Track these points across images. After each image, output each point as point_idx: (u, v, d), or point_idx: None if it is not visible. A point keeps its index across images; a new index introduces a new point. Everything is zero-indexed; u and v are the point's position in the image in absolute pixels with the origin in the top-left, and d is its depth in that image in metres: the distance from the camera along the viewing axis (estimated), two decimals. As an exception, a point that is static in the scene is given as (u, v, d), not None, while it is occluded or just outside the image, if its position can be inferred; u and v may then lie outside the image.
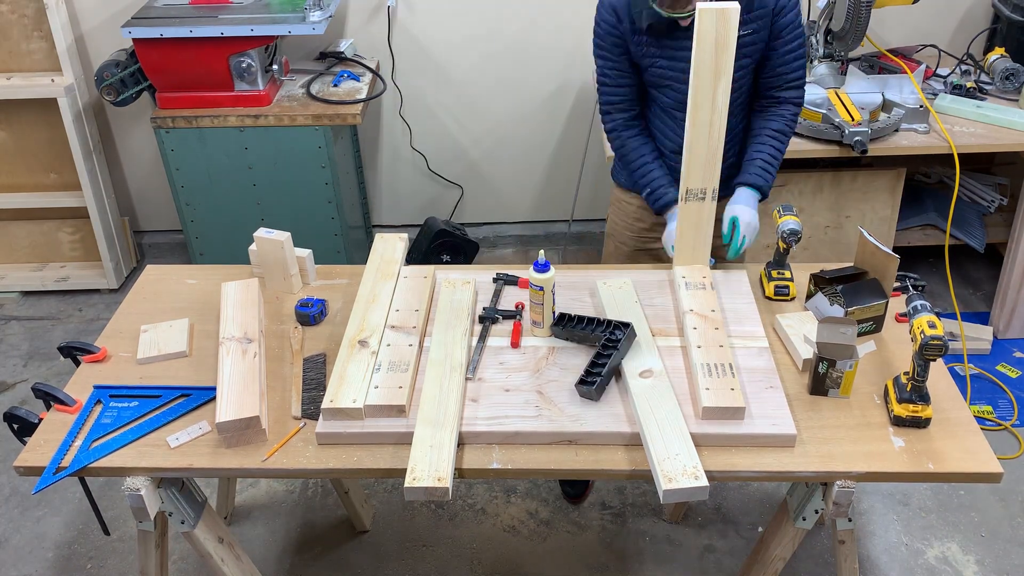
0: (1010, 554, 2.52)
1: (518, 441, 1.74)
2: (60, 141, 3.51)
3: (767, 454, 1.70)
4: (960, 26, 3.47)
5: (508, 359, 1.93)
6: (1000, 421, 2.93)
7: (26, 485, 2.80)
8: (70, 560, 2.60)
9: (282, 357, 2.00)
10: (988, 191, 3.47)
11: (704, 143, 1.99)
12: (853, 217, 3.15)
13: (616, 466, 1.70)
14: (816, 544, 2.55)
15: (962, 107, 2.99)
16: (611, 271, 2.24)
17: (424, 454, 1.65)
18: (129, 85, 3.15)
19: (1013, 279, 3.17)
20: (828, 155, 2.86)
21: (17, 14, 3.38)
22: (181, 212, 3.34)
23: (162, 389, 1.90)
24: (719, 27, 1.86)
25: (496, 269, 2.22)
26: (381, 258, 2.20)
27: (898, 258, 1.93)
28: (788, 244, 2.07)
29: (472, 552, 2.58)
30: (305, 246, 2.21)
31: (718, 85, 1.91)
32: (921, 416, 1.73)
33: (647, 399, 1.75)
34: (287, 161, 3.21)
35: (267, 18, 3.05)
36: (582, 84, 3.59)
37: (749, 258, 3.18)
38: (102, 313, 3.63)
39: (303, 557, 2.59)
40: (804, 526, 1.86)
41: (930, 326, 1.68)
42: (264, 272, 2.20)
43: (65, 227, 3.81)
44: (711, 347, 1.88)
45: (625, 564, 2.53)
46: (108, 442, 1.78)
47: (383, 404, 1.77)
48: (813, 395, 1.83)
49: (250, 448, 1.76)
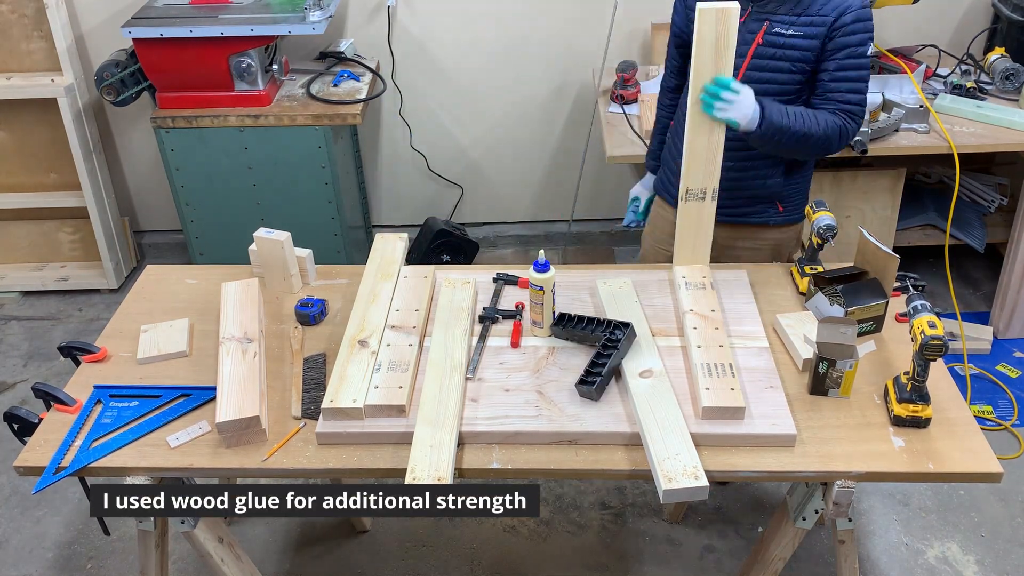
0: (1010, 554, 2.52)
1: (518, 441, 1.74)
2: (60, 141, 3.51)
3: (767, 454, 1.70)
4: (960, 26, 3.47)
5: (508, 359, 1.93)
6: (1000, 421, 2.93)
7: (26, 485, 2.80)
8: (70, 560, 2.60)
9: (282, 357, 2.00)
10: (988, 191, 3.47)
11: (704, 143, 1.99)
12: (853, 217, 3.15)
13: (616, 466, 1.70)
14: (816, 544, 2.55)
15: (962, 107, 2.99)
16: (611, 271, 2.24)
17: (424, 454, 1.65)
18: (129, 85, 3.15)
19: (1013, 279, 3.17)
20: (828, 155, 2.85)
21: (17, 14, 3.38)
22: (181, 212, 3.34)
23: (162, 389, 1.90)
24: (719, 27, 1.86)
25: (496, 269, 2.22)
26: (382, 258, 2.20)
27: (898, 258, 1.93)
28: (823, 239, 2.07)
29: (472, 552, 2.58)
30: (305, 246, 2.22)
31: (718, 85, 1.91)
32: (921, 416, 1.73)
33: (647, 399, 1.75)
34: (287, 161, 3.21)
35: (267, 18, 3.05)
36: (582, 84, 3.59)
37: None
38: (102, 313, 3.63)
39: (303, 557, 2.59)
40: (804, 526, 1.85)
41: (930, 326, 1.68)
42: (264, 272, 2.20)
43: (65, 227, 3.81)
44: (711, 347, 1.88)
45: (625, 564, 2.53)
46: (108, 442, 1.78)
47: (383, 404, 1.77)
48: (813, 395, 1.83)
49: (250, 448, 1.76)
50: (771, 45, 2.09)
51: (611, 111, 3.13)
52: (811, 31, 2.05)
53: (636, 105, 3.12)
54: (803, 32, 2.06)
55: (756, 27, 2.10)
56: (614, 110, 3.12)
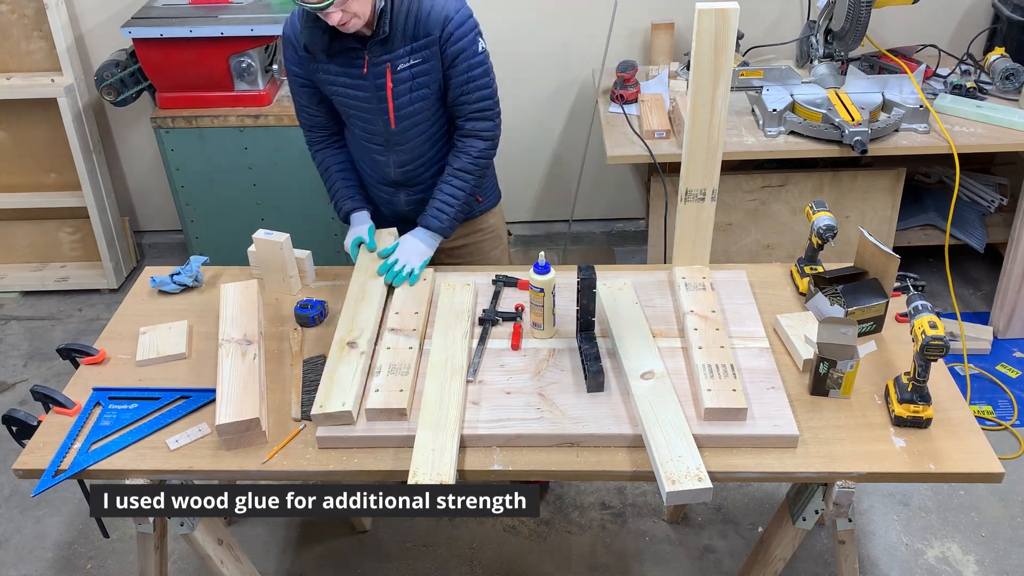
0: (1010, 554, 2.52)
1: (520, 443, 1.74)
2: (60, 141, 3.51)
3: (769, 455, 1.70)
4: (960, 26, 3.46)
5: (508, 361, 1.93)
6: (1000, 421, 2.93)
7: (26, 485, 2.80)
8: (70, 560, 2.60)
9: (282, 359, 1.99)
10: (988, 191, 3.47)
11: (704, 143, 1.99)
12: (853, 217, 3.15)
13: (618, 467, 1.70)
14: (816, 544, 2.55)
15: (962, 107, 2.98)
16: (611, 271, 2.24)
17: (426, 457, 1.65)
18: (129, 85, 3.15)
19: (1013, 279, 3.17)
20: (828, 155, 2.85)
21: (17, 14, 3.37)
22: (181, 212, 3.33)
23: (161, 391, 1.90)
24: (718, 27, 1.86)
25: (495, 271, 2.22)
26: (371, 258, 2.19)
27: (898, 258, 1.93)
28: (823, 240, 2.07)
29: (472, 552, 2.58)
30: (305, 246, 2.21)
31: (717, 85, 1.91)
32: (922, 416, 1.73)
33: (649, 401, 1.75)
34: (287, 161, 3.21)
35: (267, 18, 3.05)
36: (582, 84, 3.58)
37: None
38: (102, 313, 3.63)
39: (303, 557, 2.59)
40: (804, 526, 1.86)
41: (931, 326, 1.67)
42: (263, 273, 2.19)
43: (65, 227, 3.81)
44: (712, 348, 1.87)
45: (625, 564, 2.53)
46: (107, 444, 1.78)
47: (384, 408, 1.77)
48: (814, 395, 1.83)
49: (250, 450, 1.75)
50: (402, 82, 2.08)
51: (611, 111, 3.13)
52: (427, 54, 2.06)
53: (636, 105, 3.11)
54: (422, 57, 2.06)
55: (382, 71, 2.07)
56: (614, 110, 3.12)
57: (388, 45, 2.04)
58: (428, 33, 2.03)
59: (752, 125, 2.96)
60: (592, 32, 3.43)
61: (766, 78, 3.11)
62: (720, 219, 3.04)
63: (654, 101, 3.08)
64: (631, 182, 3.86)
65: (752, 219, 3.17)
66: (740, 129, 2.93)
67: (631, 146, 2.92)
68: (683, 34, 3.37)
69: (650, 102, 3.07)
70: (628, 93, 3.12)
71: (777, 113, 2.89)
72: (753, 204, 3.14)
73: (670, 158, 2.86)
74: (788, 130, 2.90)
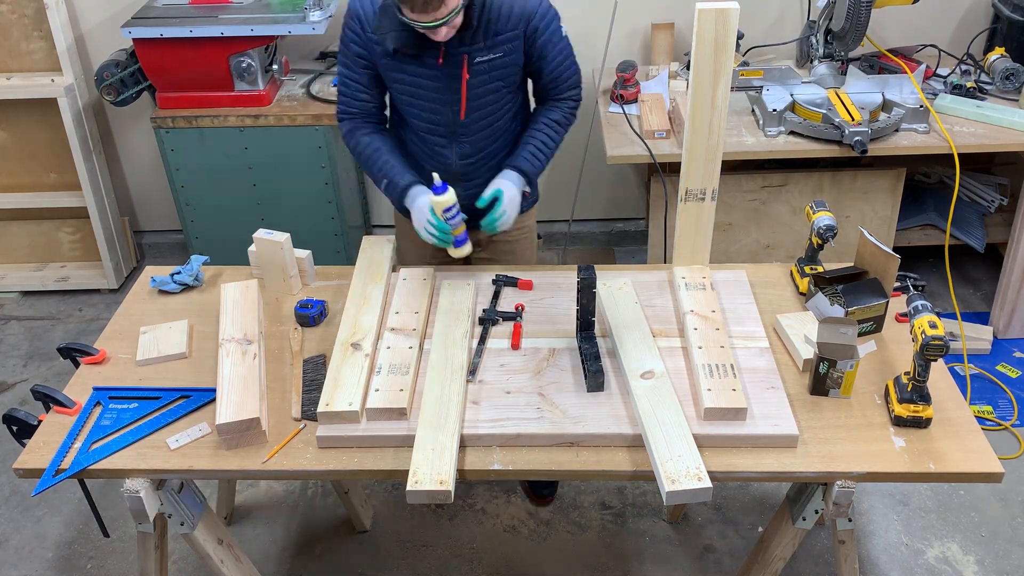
0: (1010, 554, 2.52)
1: (520, 443, 1.74)
2: (60, 141, 3.51)
3: (769, 454, 1.70)
4: (960, 26, 3.47)
5: (508, 361, 1.93)
6: (1000, 421, 2.93)
7: (26, 485, 2.80)
8: (70, 560, 2.60)
9: (282, 358, 1.99)
10: (988, 191, 3.47)
11: (704, 143, 1.99)
12: (853, 217, 3.15)
13: (618, 467, 1.70)
14: (816, 544, 2.55)
15: (962, 107, 2.98)
16: (611, 271, 2.24)
17: (426, 457, 1.65)
18: (129, 85, 3.15)
19: (1013, 279, 3.17)
20: (828, 155, 2.85)
21: (17, 14, 3.37)
22: (181, 212, 3.33)
23: (162, 390, 1.90)
24: (718, 27, 1.86)
25: (495, 270, 2.22)
26: (370, 260, 2.20)
27: (898, 258, 1.93)
28: (823, 240, 2.07)
29: (472, 552, 2.58)
30: (305, 246, 2.21)
31: (717, 85, 1.91)
32: (922, 416, 1.73)
33: (649, 400, 1.75)
34: (287, 161, 3.21)
35: (267, 18, 3.05)
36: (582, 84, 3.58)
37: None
38: (102, 313, 3.63)
39: (303, 557, 2.59)
40: (804, 526, 1.86)
41: (931, 326, 1.68)
42: (263, 273, 2.19)
43: (65, 227, 3.81)
44: (712, 348, 1.88)
45: (625, 564, 2.53)
46: (108, 444, 1.78)
47: (384, 407, 1.77)
48: (814, 395, 1.83)
49: (250, 450, 1.76)
50: (478, 74, 2.07)
51: (611, 111, 3.13)
52: (508, 48, 2.06)
53: (636, 105, 3.11)
54: (503, 52, 2.06)
55: (458, 62, 2.05)
56: (614, 110, 3.12)
57: (467, 36, 2.03)
58: (512, 28, 2.04)
59: (752, 125, 2.96)
60: (592, 32, 3.43)
61: (766, 78, 3.12)
62: (720, 219, 3.04)
63: (654, 101, 3.08)
64: (631, 182, 3.86)
65: (752, 219, 3.17)
66: (740, 129, 2.93)
67: (631, 146, 2.92)
68: (683, 34, 3.37)
69: (650, 102, 3.07)
70: (628, 93, 3.12)
71: (777, 113, 2.89)
72: (753, 204, 3.14)
73: (670, 158, 2.86)
74: (788, 130, 2.90)
